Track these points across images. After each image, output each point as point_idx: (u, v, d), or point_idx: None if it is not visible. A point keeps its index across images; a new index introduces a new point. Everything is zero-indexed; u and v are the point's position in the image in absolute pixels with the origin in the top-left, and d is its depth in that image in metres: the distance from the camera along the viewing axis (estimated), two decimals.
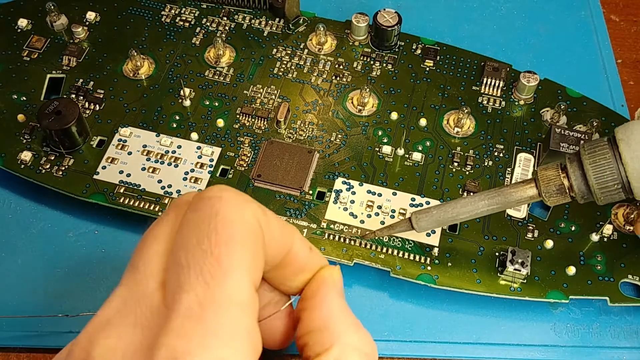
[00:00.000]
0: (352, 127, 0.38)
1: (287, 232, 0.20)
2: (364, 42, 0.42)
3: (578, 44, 0.45)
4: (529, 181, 0.30)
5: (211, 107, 0.39)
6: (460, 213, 0.31)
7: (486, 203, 0.30)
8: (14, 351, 0.33)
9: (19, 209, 0.37)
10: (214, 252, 0.17)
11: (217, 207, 0.18)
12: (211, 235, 0.17)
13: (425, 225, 0.31)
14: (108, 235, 0.36)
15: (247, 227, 0.18)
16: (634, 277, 0.33)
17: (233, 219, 0.18)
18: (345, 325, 0.20)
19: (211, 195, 0.18)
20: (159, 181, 0.35)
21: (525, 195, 0.30)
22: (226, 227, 0.17)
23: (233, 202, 0.18)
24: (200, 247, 0.17)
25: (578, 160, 0.29)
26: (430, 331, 0.33)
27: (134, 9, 0.43)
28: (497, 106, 0.39)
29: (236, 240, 0.17)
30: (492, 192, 0.30)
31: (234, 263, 0.17)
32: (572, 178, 0.29)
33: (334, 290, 0.21)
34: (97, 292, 0.34)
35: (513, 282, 0.33)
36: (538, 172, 0.30)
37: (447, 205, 0.31)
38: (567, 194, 0.29)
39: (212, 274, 0.17)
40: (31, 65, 0.40)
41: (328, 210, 0.35)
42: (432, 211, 0.31)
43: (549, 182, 0.29)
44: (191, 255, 0.17)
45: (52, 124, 0.35)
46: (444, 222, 0.31)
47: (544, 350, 0.33)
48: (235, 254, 0.17)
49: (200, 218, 0.18)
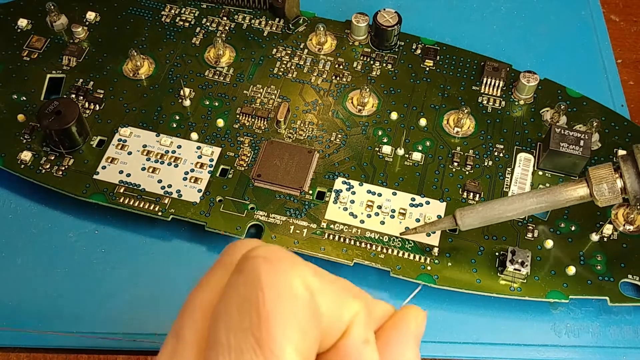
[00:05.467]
0: (352, 127, 0.38)
1: (346, 303, 0.17)
2: (364, 42, 0.42)
3: (578, 44, 0.45)
4: (580, 181, 0.30)
5: (211, 107, 0.39)
6: (507, 211, 0.30)
7: (534, 201, 0.30)
8: (14, 351, 0.33)
9: (19, 209, 0.37)
10: (255, 333, 0.15)
11: (260, 271, 0.16)
12: (253, 311, 0.15)
13: (471, 222, 0.31)
14: (108, 235, 0.36)
15: (295, 298, 0.16)
16: (634, 277, 0.33)
17: (279, 289, 0.15)
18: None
19: (256, 255, 0.16)
20: (159, 181, 0.35)
21: (575, 194, 0.29)
22: (270, 299, 0.15)
23: (280, 266, 0.16)
24: (241, 325, 0.15)
25: (632, 159, 0.28)
26: (430, 331, 0.33)
27: (134, 9, 0.43)
28: (497, 106, 0.39)
29: (282, 317, 0.15)
30: (541, 191, 0.30)
31: (278, 347, 0.15)
32: (626, 176, 0.28)
33: (412, 339, 0.19)
34: (97, 292, 0.34)
35: (513, 282, 0.33)
36: (589, 171, 0.29)
37: (494, 202, 0.30)
38: (619, 194, 0.29)
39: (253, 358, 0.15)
40: (31, 65, 0.40)
41: (328, 210, 0.35)
42: (477, 208, 0.31)
43: (600, 182, 0.29)
44: (233, 334, 0.15)
45: (52, 124, 0.35)
46: (490, 219, 0.31)
47: (544, 350, 0.33)
48: (280, 334, 0.15)
49: (244, 281, 0.16)
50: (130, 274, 0.34)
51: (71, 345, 0.33)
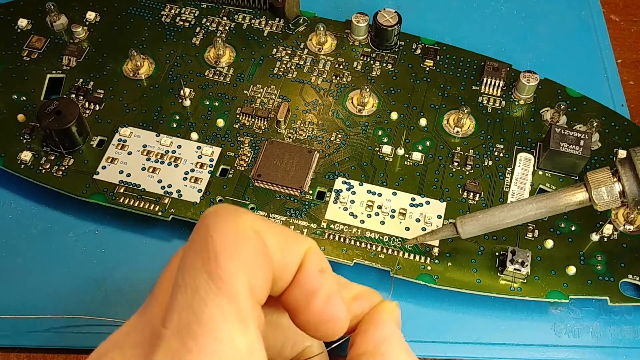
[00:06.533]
0: (352, 127, 0.38)
1: (297, 240, 0.19)
2: (364, 42, 0.42)
3: (578, 44, 0.45)
4: (579, 185, 0.30)
5: (211, 107, 0.39)
6: (507, 217, 0.30)
7: (534, 207, 0.30)
8: (14, 351, 0.33)
9: (19, 209, 0.37)
10: (207, 268, 0.16)
11: (209, 222, 0.17)
12: (203, 251, 0.17)
13: (471, 229, 0.31)
14: (108, 235, 0.36)
15: (241, 236, 0.17)
16: (634, 277, 0.33)
17: (225, 231, 0.17)
18: (397, 348, 0.20)
19: (206, 213, 0.18)
20: (159, 181, 0.35)
21: (574, 199, 0.29)
22: (217, 239, 0.17)
23: (225, 214, 0.17)
24: (195, 265, 0.17)
25: (630, 163, 0.28)
26: (430, 331, 0.33)
27: (134, 9, 0.43)
28: (497, 106, 0.39)
29: (230, 252, 0.17)
30: (540, 197, 0.30)
31: (228, 277, 0.16)
32: (624, 180, 0.28)
33: (391, 318, 0.21)
34: (97, 292, 0.34)
35: (513, 282, 0.33)
36: (588, 176, 0.29)
37: (494, 209, 0.31)
38: (618, 198, 0.29)
39: (206, 290, 0.16)
40: (31, 65, 0.40)
41: (328, 210, 0.35)
42: (477, 216, 0.31)
43: (599, 186, 0.29)
44: (187, 274, 0.17)
45: (52, 124, 0.35)
46: (490, 226, 0.31)
47: (544, 350, 0.33)
48: (229, 266, 0.16)
49: (196, 235, 0.17)
50: (130, 274, 0.34)
51: (71, 345, 0.33)
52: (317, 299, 0.19)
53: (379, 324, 0.21)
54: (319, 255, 0.19)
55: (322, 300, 0.19)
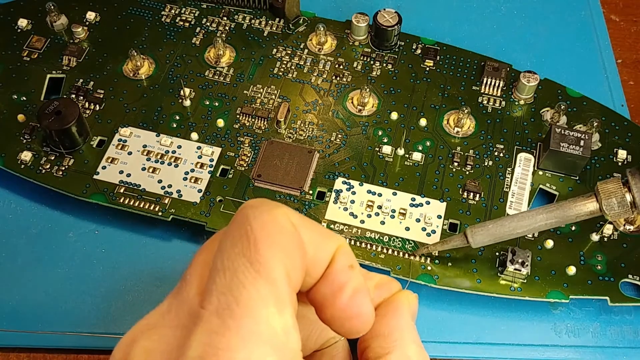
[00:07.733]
0: (352, 127, 0.38)
1: (329, 237, 0.20)
2: (364, 42, 0.42)
3: (578, 44, 0.45)
4: (589, 195, 0.30)
5: (211, 107, 0.39)
6: (518, 227, 0.30)
7: (544, 217, 0.30)
8: (14, 351, 0.33)
9: (19, 209, 0.37)
10: (246, 253, 0.17)
11: (248, 212, 0.18)
12: (243, 238, 0.17)
13: (481, 239, 0.31)
14: (108, 235, 0.36)
15: (279, 227, 0.18)
16: (634, 277, 0.33)
17: (264, 220, 0.18)
18: (409, 338, 0.21)
19: (244, 205, 0.19)
20: (159, 181, 0.35)
21: (585, 209, 0.29)
22: (257, 228, 0.18)
23: (264, 206, 0.18)
24: (234, 251, 0.17)
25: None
26: (430, 331, 0.33)
27: (134, 9, 0.43)
28: (497, 106, 0.39)
29: (269, 240, 0.17)
30: (550, 207, 0.30)
31: (266, 262, 0.17)
32: (635, 190, 0.28)
33: (407, 309, 0.21)
34: (98, 292, 0.34)
35: (513, 282, 0.33)
36: (598, 186, 0.29)
37: (504, 219, 0.31)
38: (629, 208, 0.29)
39: (245, 273, 0.17)
40: (31, 65, 0.40)
41: (328, 210, 0.35)
42: (487, 225, 0.31)
43: (610, 196, 0.29)
44: (227, 258, 0.17)
45: (52, 124, 0.35)
46: (501, 236, 0.31)
47: (544, 350, 0.33)
48: (267, 252, 0.17)
49: (235, 224, 0.18)
50: (130, 274, 0.34)
51: (71, 345, 0.33)
52: (344, 293, 0.19)
53: (396, 310, 0.21)
54: (349, 253, 0.20)
55: (349, 295, 0.19)
